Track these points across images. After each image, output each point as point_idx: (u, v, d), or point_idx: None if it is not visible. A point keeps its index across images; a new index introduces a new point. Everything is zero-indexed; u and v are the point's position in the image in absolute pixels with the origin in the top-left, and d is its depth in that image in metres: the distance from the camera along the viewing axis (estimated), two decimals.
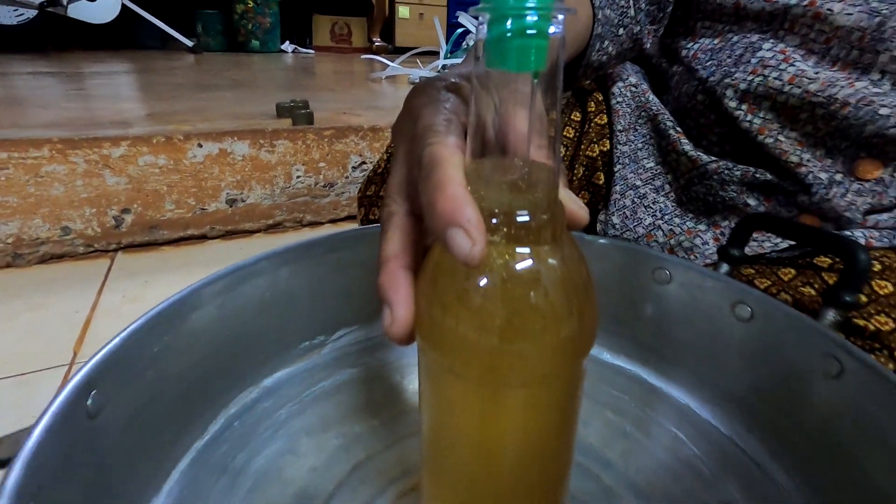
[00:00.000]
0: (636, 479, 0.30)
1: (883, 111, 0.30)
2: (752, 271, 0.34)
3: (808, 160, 0.33)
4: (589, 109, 0.43)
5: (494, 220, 0.16)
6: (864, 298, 0.28)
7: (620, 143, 0.40)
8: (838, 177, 0.33)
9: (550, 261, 0.17)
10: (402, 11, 3.47)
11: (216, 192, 0.65)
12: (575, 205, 0.18)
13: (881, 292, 0.29)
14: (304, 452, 0.31)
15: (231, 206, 0.66)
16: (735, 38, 0.36)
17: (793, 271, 0.32)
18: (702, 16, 0.38)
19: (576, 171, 0.42)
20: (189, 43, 2.78)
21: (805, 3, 0.32)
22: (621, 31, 0.38)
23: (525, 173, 0.17)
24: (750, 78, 0.34)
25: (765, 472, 0.27)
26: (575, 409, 0.20)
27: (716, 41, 0.37)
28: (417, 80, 1.31)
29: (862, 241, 0.32)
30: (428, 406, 0.20)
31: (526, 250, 0.16)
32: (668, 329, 0.32)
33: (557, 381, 0.18)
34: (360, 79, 1.38)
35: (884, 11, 0.30)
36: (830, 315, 0.25)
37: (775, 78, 0.33)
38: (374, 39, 3.45)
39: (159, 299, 0.44)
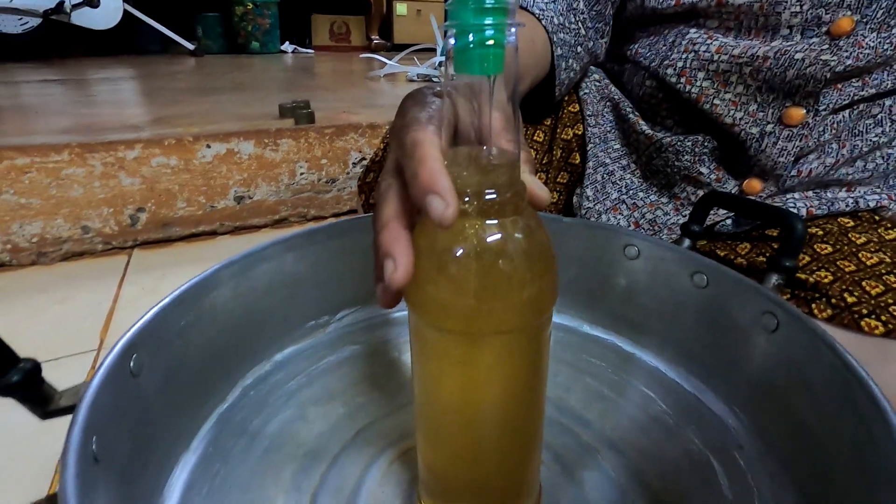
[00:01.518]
0: (611, 435, 0.34)
1: (797, 56, 0.35)
2: (712, 246, 0.38)
3: (741, 118, 0.38)
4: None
5: (466, 198, 0.19)
6: (807, 259, 0.32)
7: (590, 126, 0.44)
8: (769, 128, 0.37)
9: (514, 232, 0.20)
10: (400, 9, 3.49)
11: (225, 190, 0.69)
12: (537, 186, 0.22)
13: (822, 252, 0.33)
14: (313, 419, 0.35)
15: (239, 203, 0.70)
16: (666, 30, 0.41)
17: (748, 245, 0.36)
18: (634, 25, 0.44)
19: (554, 153, 0.46)
20: (190, 46, 2.81)
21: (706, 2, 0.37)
22: (579, 48, 0.42)
23: (490, 158, 0.20)
24: (684, 56, 0.39)
25: (719, 419, 0.30)
26: (542, 358, 0.23)
27: (651, 37, 0.41)
28: (415, 78, 1.34)
29: (804, 211, 0.36)
30: (417, 368, 0.24)
31: (493, 222, 0.20)
32: (637, 300, 0.36)
33: (524, 333, 0.22)
34: (359, 77, 1.41)
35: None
36: (774, 278, 0.28)
37: (704, 51, 0.38)
38: (373, 37, 3.48)
39: (175, 285, 0.47)
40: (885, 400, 0.18)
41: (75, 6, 2.46)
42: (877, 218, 0.37)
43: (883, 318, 0.30)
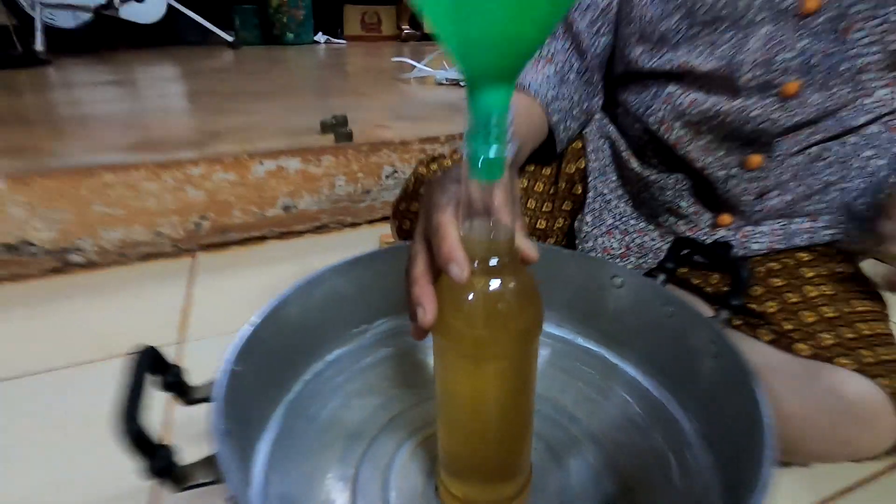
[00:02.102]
0: (594, 430, 0.42)
1: (753, 113, 0.41)
2: (687, 271, 0.45)
3: (710, 163, 0.44)
4: None
5: (476, 262, 0.28)
6: (760, 291, 0.39)
7: (591, 161, 0.51)
8: (733, 171, 0.44)
9: (509, 284, 0.28)
10: None
11: (274, 201, 0.78)
12: (528, 248, 0.29)
13: (773, 286, 0.40)
14: (355, 407, 0.44)
15: (286, 212, 0.79)
16: (650, 83, 0.47)
17: (718, 276, 0.43)
18: (623, 80, 0.51)
19: (559, 185, 0.53)
20: (229, 38, 2.92)
21: (676, 64, 0.44)
22: (575, 111, 0.50)
23: (494, 233, 0.28)
24: (663, 107, 0.46)
25: (678, 422, 0.38)
26: (532, 373, 0.31)
27: (638, 87, 0.48)
28: (444, 81, 1.41)
29: (766, 246, 0.43)
30: (439, 376, 0.32)
31: (495, 280, 0.28)
32: (622, 320, 0.43)
33: (518, 355, 0.30)
34: (390, 80, 1.48)
35: (726, 55, 0.41)
36: (724, 314, 0.35)
37: (680, 104, 0.45)
38: (404, 27, 3.52)
39: (236, 288, 0.57)
40: (768, 416, 0.25)
41: (123, 1, 2.60)
42: (832, 252, 0.43)
43: (811, 343, 0.36)
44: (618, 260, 0.51)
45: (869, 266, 0.45)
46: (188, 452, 0.26)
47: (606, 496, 0.36)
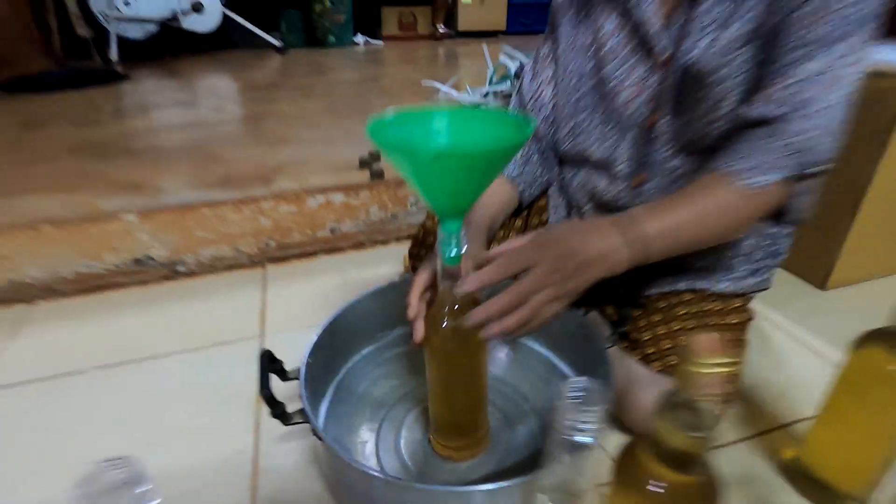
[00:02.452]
0: (538, 406, 0.63)
1: (621, 195, 0.60)
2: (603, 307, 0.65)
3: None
4: None
5: (446, 309, 0.49)
6: (643, 323, 0.59)
7: (552, 215, 0.70)
8: (627, 200, 0.61)
9: (464, 317, 0.49)
10: None
11: (323, 225, 1.01)
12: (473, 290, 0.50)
13: (652, 321, 0.59)
14: (380, 386, 0.66)
15: (332, 233, 1.02)
16: (567, 162, 0.66)
17: (613, 310, 0.63)
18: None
19: (525, 233, 0.72)
20: (277, 43, 3.18)
21: (580, 149, 0.62)
22: (537, 182, 0.68)
23: (457, 294, 0.49)
24: (581, 189, 0.65)
25: None
26: (483, 367, 0.53)
27: (568, 168, 0.67)
28: (466, 105, 1.60)
29: (656, 292, 0.61)
30: (428, 369, 0.54)
31: (458, 315, 0.49)
32: (558, 335, 0.64)
33: (472, 358, 0.51)
34: (419, 102, 1.68)
35: (610, 148, 0.60)
36: (612, 337, 0.55)
37: (580, 186, 0.65)
38: (438, 26, 3.68)
39: (296, 293, 0.81)
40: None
41: (185, 13, 2.88)
42: (707, 294, 0.61)
43: (661, 362, 0.56)
44: None
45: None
46: (288, 405, 0.49)
47: (538, 446, 0.58)
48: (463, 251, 0.47)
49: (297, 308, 0.87)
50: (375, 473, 0.45)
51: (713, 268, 0.61)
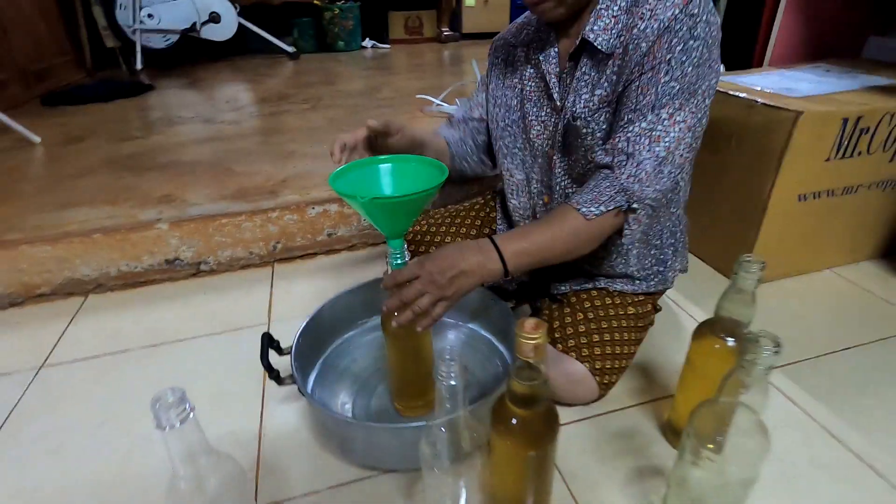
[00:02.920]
0: (481, 378, 0.81)
1: (537, 212, 0.78)
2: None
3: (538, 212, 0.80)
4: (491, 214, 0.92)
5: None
6: (556, 313, 0.76)
7: (498, 225, 0.88)
8: (543, 211, 0.78)
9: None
10: (468, 0, 3.80)
11: (321, 230, 1.20)
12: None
13: (564, 311, 0.76)
14: (357, 364, 0.85)
15: (329, 237, 1.21)
16: (507, 193, 0.83)
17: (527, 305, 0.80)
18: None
19: (482, 229, 0.89)
20: (289, 49, 3.37)
21: (504, 168, 0.79)
22: (470, 159, 0.85)
23: (384, 308, 0.67)
24: (514, 210, 0.82)
25: None
26: (429, 343, 0.70)
27: (507, 194, 0.83)
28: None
29: (567, 289, 0.78)
30: (387, 348, 0.72)
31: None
32: (496, 323, 0.81)
33: (416, 337, 0.69)
34: (415, 113, 1.85)
35: (528, 169, 0.76)
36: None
37: (514, 208, 0.83)
38: (443, 29, 3.83)
39: (301, 288, 1.02)
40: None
41: (204, 24, 3.08)
42: (609, 292, 0.77)
43: (562, 344, 0.72)
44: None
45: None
46: (283, 373, 0.68)
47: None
48: (407, 259, 0.65)
49: (298, 300, 1.06)
50: (339, 415, 0.63)
51: (611, 274, 0.78)
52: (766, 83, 1.05)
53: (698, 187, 1.05)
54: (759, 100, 0.93)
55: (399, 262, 0.64)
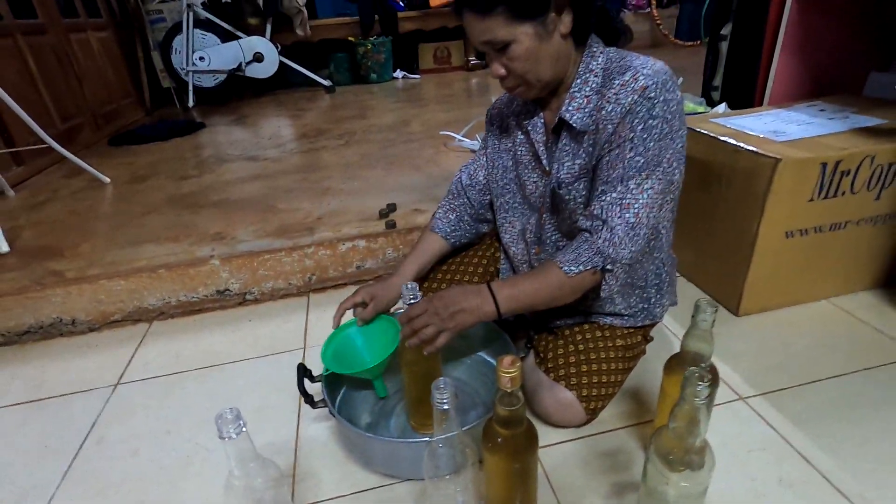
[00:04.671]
0: (485, 399, 0.92)
1: (532, 260, 0.89)
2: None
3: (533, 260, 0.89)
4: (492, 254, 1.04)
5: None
6: (551, 345, 0.86)
7: (502, 266, 0.99)
8: (534, 261, 0.88)
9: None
10: None
11: (350, 263, 1.34)
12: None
13: (556, 343, 0.86)
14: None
15: (358, 269, 1.35)
16: (500, 228, 0.94)
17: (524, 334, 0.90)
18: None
19: (487, 277, 1.01)
20: (325, 83, 3.61)
21: (502, 222, 0.91)
22: (471, 233, 0.98)
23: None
24: (514, 257, 0.92)
25: None
26: (439, 368, 0.82)
27: (506, 241, 0.93)
28: (475, 151, 1.90)
29: (561, 323, 0.89)
30: (403, 375, 0.84)
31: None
32: (498, 351, 0.92)
33: (424, 361, 0.80)
34: (438, 149, 2.00)
35: (525, 221, 0.87)
36: (524, 350, 0.83)
37: (513, 255, 0.92)
38: (470, 58, 4.00)
39: (330, 316, 1.14)
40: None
41: (248, 63, 3.35)
42: (599, 326, 0.87)
43: (554, 373, 0.81)
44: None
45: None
46: (315, 396, 0.81)
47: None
48: (420, 299, 0.77)
49: (330, 327, 1.20)
50: (361, 432, 0.75)
51: (599, 312, 0.88)
52: (756, 125, 1.13)
53: (694, 222, 1.14)
54: (743, 145, 1.02)
55: (412, 301, 0.77)
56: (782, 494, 0.74)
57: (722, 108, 1.44)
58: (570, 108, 0.75)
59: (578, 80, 0.74)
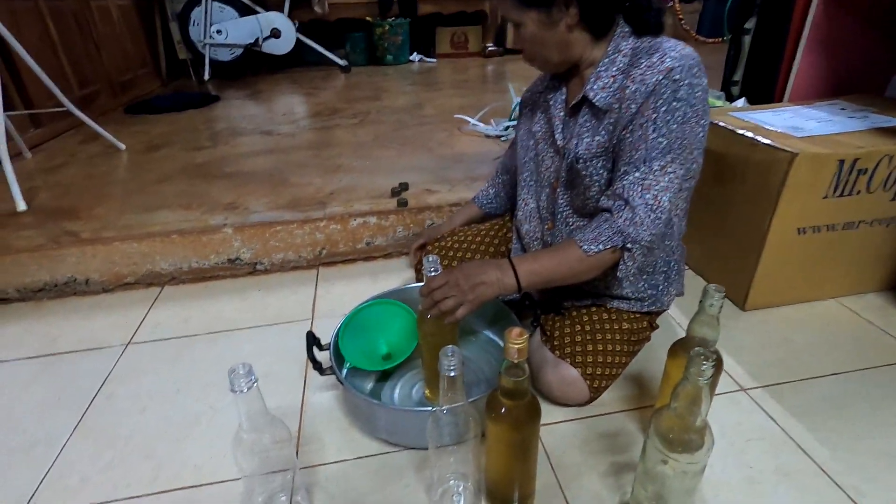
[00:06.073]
0: (489, 376, 0.93)
1: (546, 237, 0.90)
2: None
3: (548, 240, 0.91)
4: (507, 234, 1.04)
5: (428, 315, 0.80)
6: (558, 324, 0.87)
7: (513, 245, 1.00)
8: (548, 237, 0.90)
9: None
10: None
11: (360, 239, 1.35)
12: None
13: (565, 321, 0.87)
14: None
15: (368, 246, 1.36)
16: (520, 219, 0.95)
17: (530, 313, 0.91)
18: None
19: (499, 255, 1.02)
20: (341, 63, 3.59)
21: (521, 200, 0.92)
22: (507, 203, 1.01)
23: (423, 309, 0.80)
24: (526, 234, 0.93)
25: None
26: (455, 341, 0.83)
27: (519, 220, 0.95)
28: (490, 134, 1.90)
29: (569, 304, 0.90)
30: (422, 345, 0.85)
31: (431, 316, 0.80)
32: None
33: (447, 333, 0.82)
34: (452, 132, 2.00)
35: (537, 200, 0.89)
36: (531, 328, 0.84)
37: (525, 232, 0.93)
38: (488, 45, 3.97)
39: (341, 289, 1.18)
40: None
41: (265, 39, 3.34)
42: (606, 308, 0.88)
43: (560, 351, 0.83)
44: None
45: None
46: (323, 364, 0.83)
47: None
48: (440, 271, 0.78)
49: (338, 300, 1.22)
50: (369, 399, 0.77)
51: (608, 295, 0.88)
52: (776, 121, 1.12)
53: (705, 214, 1.14)
54: (760, 139, 1.01)
55: (433, 273, 0.78)
56: (778, 482, 0.75)
57: (741, 102, 1.43)
58: (595, 86, 0.75)
59: (606, 60, 0.75)
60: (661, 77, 0.69)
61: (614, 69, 0.75)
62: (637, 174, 0.71)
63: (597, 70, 0.75)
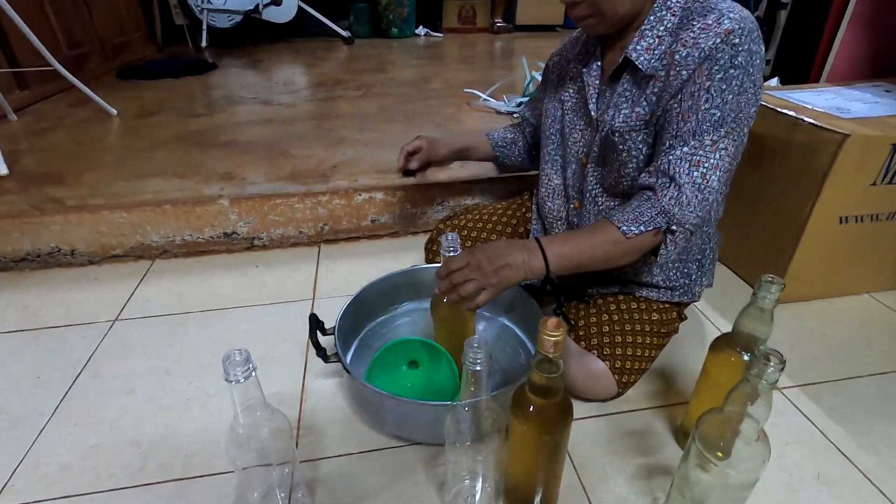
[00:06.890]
0: (505, 366, 0.86)
1: (571, 216, 0.83)
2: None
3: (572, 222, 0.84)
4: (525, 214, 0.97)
5: (444, 299, 0.72)
6: (583, 313, 0.80)
7: (533, 225, 0.93)
8: (574, 218, 0.83)
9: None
10: None
11: (365, 216, 1.27)
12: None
13: (590, 311, 0.80)
14: (400, 333, 0.92)
15: (373, 223, 1.28)
16: (542, 196, 0.88)
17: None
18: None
19: (517, 237, 0.94)
20: (344, 34, 3.46)
21: (545, 174, 0.85)
22: (516, 159, 0.95)
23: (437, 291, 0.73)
24: (549, 213, 0.86)
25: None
26: (472, 328, 0.77)
27: (542, 197, 0.87)
28: (501, 111, 1.80)
29: (594, 291, 0.82)
30: (435, 330, 0.78)
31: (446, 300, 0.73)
32: (522, 317, 0.86)
33: (462, 319, 0.75)
34: (461, 108, 1.90)
35: (562, 175, 0.81)
36: (553, 312, 0.77)
37: (548, 211, 0.86)
38: (496, 20, 3.83)
39: (344, 268, 1.10)
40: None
41: (266, 6, 3.20)
42: (635, 297, 0.81)
43: (586, 342, 0.76)
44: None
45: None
46: (325, 348, 0.75)
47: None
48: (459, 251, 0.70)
49: (341, 279, 1.15)
50: (380, 390, 0.70)
51: (636, 281, 0.81)
52: (817, 101, 1.04)
53: (737, 200, 1.06)
54: (805, 118, 0.93)
55: (452, 253, 0.70)
56: (819, 490, 0.69)
57: (773, 82, 1.34)
58: (639, 47, 0.66)
59: (652, 17, 0.66)
60: (718, 41, 0.61)
61: (661, 28, 0.66)
62: (685, 149, 0.63)
63: (641, 29, 0.67)
